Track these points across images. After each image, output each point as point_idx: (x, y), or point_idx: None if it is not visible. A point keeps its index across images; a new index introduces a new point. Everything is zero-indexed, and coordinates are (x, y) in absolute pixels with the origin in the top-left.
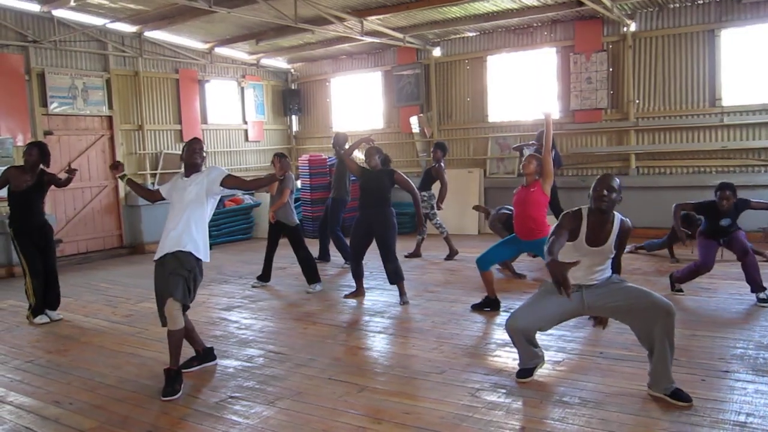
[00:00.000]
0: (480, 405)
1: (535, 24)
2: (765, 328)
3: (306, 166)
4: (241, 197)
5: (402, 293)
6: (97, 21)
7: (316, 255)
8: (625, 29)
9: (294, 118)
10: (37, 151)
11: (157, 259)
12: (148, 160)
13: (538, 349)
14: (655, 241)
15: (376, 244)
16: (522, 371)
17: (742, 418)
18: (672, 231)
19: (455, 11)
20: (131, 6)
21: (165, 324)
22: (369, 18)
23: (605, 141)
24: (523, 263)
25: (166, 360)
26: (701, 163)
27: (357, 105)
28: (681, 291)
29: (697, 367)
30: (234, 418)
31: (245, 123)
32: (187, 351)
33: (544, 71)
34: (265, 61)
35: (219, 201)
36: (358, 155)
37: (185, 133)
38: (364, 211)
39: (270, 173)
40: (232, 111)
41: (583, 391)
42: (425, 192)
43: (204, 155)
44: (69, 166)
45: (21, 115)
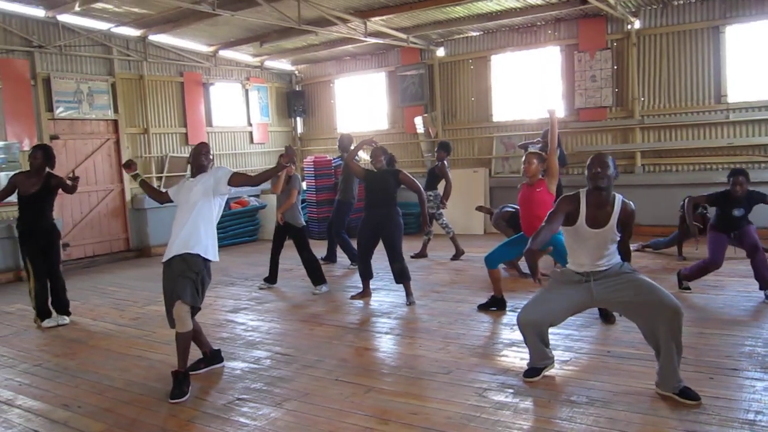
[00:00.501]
0: (487, 405)
1: (539, 23)
2: None
3: (311, 167)
4: (247, 199)
5: (408, 293)
6: (102, 25)
7: (322, 256)
8: (629, 27)
9: (298, 119)
10: (42, 154)
11: (165, 261)
12: (153, 163)
13: (548, 350)
14: (662, 240)
15: (382, 244)
16: (530, 370)
17: (751, 416)
18: (681, 227)
19: (459, 11)
20: (135, 10)
21: (173, 326)
22: (372, 19)
23: (610, 139)
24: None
25: (173, 362)
26: (707, 160)
27: (361, 106)
28: (688, 289)
29: (706, 366)
30: (241, 419)
31: (250, 125)
32: (195, 353)
33: (548, 70)
34: (269, 63)
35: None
36: (363, 156)
37: (190, 136)
38: (369, 212)
39: (274, 166)
40: (236, 113)
41: (591, 390)
42: (431, 192)
43: (210, 158)
44: (72, 173)
45: (27, 120)
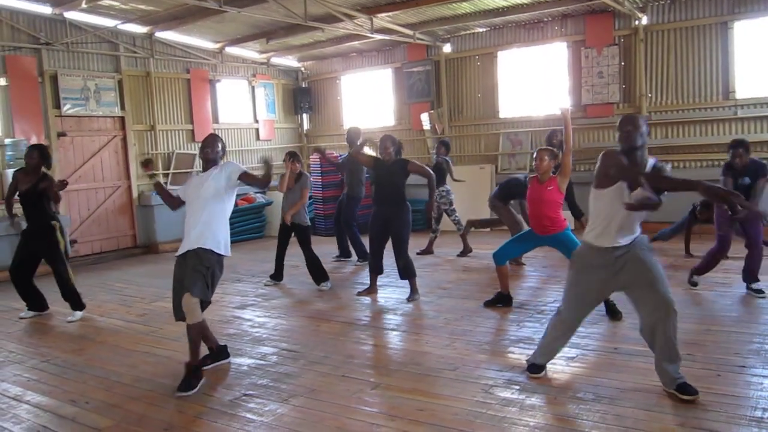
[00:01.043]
0: (494, 401)
1: (546, 18)
2: None
3: (317, 164)
4: (253, 196)
5: (413, 290)
6: (109, 22)
7: (337, 254)
8: (637, 23)
9: (305, 116)
10: (38, 154)
11: (179, 255)
12: (160, 160)
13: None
14: (665, 230)
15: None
16: (534, 366)
17: (758, 413)
18: (690, 215)
19: (465, 7)
20: (142, 7)
21: (179, 318)
22: (379, 15)
23: (617, 135)
24: (537, 258)
25: (181, 358)
26: (715, 157)
27: (368, 102)
28: (696, 285)
29: (713, 362)
30: (248, 415)
31: (256, 122)
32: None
33: (555, 66)
34: (276, 60)
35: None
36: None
37: (197, 133)
38: (379, 207)
39: (265, 172)
40: (243, 110)
41: (598, 387)
42: (442, 188)
43: (218, 150)
44: (61, 181)
45: (34, 117)
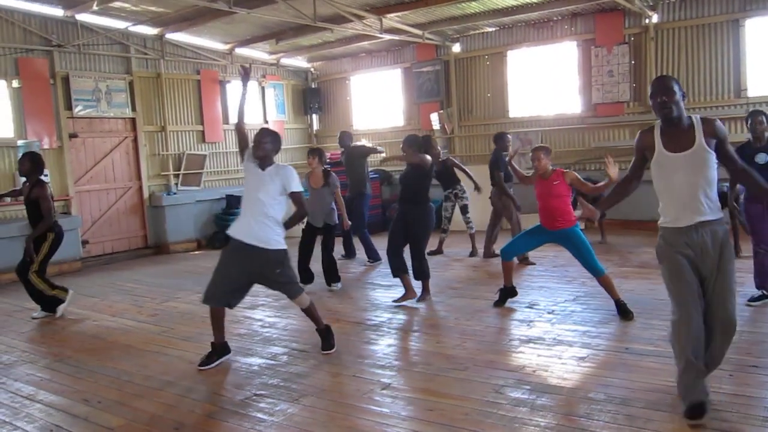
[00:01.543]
0: (504, 402)
1: (555, 17)
2: None
3: (327, 164)
4: None
5: (425, 290)
6: (120, 24)
7: (342, 254)
8: (647, 21)
9: (314, 116)
10: (29, 162)
11: (239, 243)
12: (171, 160)
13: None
14: None
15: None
16: (693, 408)
17: None
18: (732, 221)
19: (474, 6)
20: (152, 8)
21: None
22: (388, 15)
23: (628, 134)
24: (548, 258)
25: (191, 358)
26: None
27: (377, 103)
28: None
29: (725, 362)
30: (259, 415)
31: (266, 122)
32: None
33: (565, 65)
34: (285, 61)
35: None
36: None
37: (207, 134)
38: (402, 206)
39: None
40: (253, 111)
41: (609, 387)
42: (456, 186)
43: (267, 146)
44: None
45: (47, 118)
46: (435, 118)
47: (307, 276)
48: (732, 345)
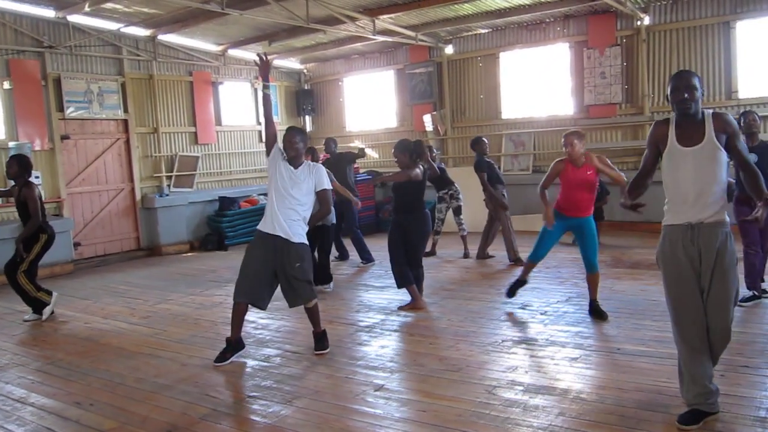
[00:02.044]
0: (497, 402)
1: (548, 19)
2: None
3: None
4: (257, 198)
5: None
6: (112, 26)
7: (335, 255)
8: (639, 23)
9: (307, 118)
10: (16, 165)
11: (263, 233)
12: (163, 162)
13: (711, 383)
14: None
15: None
16: (689, 414)
17: (762, 413)
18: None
19: (467, 8)
20: (145, 10)
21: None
22: (381, 17)
23: (620, 136)
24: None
25: (184, 360)
26: None
27: (370, 104)
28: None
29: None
30: (252, 417)
31: (259, 124)
32: (220, 344)
33: (557, 67)
34: (278, 62)
35: (234, 202)
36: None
37: (200, 135)
38: (396, 216)
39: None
40: (245, 112)
41: (601, 388)
42: (452, 187)
43: (299, 145)
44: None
45: (38, 120)
46: (428, 119)
47: (326, 276)
48: None
